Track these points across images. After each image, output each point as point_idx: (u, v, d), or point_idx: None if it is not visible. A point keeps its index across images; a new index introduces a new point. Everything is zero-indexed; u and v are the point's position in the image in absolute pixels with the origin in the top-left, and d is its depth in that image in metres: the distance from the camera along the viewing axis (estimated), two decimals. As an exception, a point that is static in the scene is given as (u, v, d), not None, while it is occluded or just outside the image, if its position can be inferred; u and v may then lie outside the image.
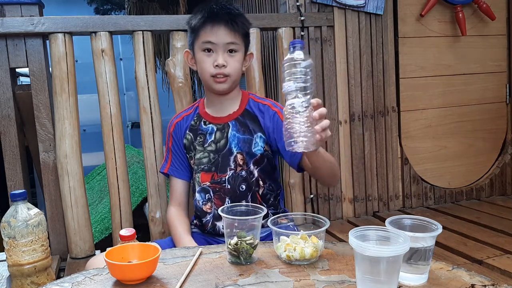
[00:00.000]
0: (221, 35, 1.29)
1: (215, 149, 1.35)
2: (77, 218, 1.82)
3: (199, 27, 1.31)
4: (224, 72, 1.30)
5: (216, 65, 1.29)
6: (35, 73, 1.79)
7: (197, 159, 1.37)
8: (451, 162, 2.43)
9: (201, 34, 1.31)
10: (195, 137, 1.39)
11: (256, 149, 1.34)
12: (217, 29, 1.29)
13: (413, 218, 0.90)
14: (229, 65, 1.30)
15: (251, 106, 1.40)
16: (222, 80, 1.31)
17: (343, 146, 2.18)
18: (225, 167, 1.33)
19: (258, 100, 1.42)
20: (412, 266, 0.84)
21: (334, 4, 2.10)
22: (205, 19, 1.30)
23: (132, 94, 4.81)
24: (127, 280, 0.86)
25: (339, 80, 2.15)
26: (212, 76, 1.31)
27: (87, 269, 1.15)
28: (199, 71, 1.35)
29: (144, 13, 3.72)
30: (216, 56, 1.30)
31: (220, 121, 1.38)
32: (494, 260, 1.62)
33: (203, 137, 1.38)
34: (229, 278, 0.87)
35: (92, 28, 1.81)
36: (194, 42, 1.34)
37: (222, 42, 1.29)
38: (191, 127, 1.41)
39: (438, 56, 2.35)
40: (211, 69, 1.30)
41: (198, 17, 1.32)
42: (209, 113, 1.40)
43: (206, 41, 1.30)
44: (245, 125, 1.36)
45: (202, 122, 1.40)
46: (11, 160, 1.79)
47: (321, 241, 0.96)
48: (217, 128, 1.37)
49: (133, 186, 2.66)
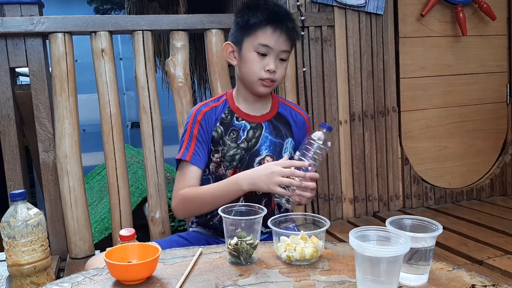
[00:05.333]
0: (280, 42, 1.27)
1: (246, 147, 1.33)
2: (76, 218, 1.81)
3: (258, 27, 1.27)
4: (273, 77, 1.29)
5: (268, 69, 1.27)
6: (34, 72, 1.78)
7: (230, 155, 1.32)
8: (451, 162, 2.42)
9: (259, 34, 1.27)
10: (226, 132, 1.34)
11: (285, 154, 1.34)
12: (278, 35, 1.26)
13: (413, 218, 0.89)
14: (278, 72, 1.29)
15: (283, 110, 1.40)
16: (269, 85, 1.30)
17: (343, 146, 2.18)
18: (248, 167, 1.31)
19: (288, 105, 1.43)
20: (413, 267, 0.83)
21: (334, 4, 2.10)
22: (267, 21, 1.26)
23: (132, 94, 4.81)
24: (127, 280, 0.86)
25: (340, 80, 2.15)
26: (260, 79, 1.29)
27: (86, 269, 1.15)
28: (245, 70, 1.31)
29: (144, 12, 3.72)
30: (268, 61, 1.27)
31: (254, 120, 1.35)
32: (495, 261, 1.62)
33: (236, 133, 1.34)
34: (229, 278, 0.87)
35: (92, 28, 1.80)
36: (246, 39, 1.29)
37: (279, 49, 1.27)
38: (222, 120, 1.35)
39: (439, 56, 2.35)
40: (261, 72, 1.28)
41: (257, 14, 1.27)
42: (242, 110, 1.36)
43: (264, 44, 1.26)
44: (278, 128, 1.36)
45: (234, 118, 1.35)
46: (10, 160, 1.79)
47: (321, 241, 0.95)
48: (250, 126, 1.34)
49: (132, 186, 2.66)
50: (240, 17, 1.32)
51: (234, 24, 1.36)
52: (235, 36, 1.34)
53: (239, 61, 1.34)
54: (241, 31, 1.31)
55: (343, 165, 2.19)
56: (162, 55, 3.78)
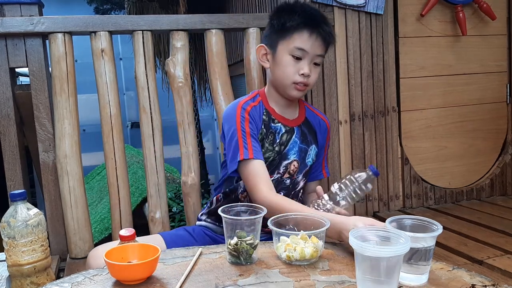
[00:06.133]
0: (316, 46, 1.27)
1: (278, 150, 1.33)
2: (76, 218, 1.81)
3: (294, 30, 1.26)
4: (307, 81, 1.28)
5: (302, 73, 1.26)
6: (34, 73, 1.78)
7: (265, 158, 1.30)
8: (451, 162, 2.42)
9: (295, 38, 1.26)
10: (267, 134, 1.32)
11: (308, 160, 1.36)
12: (314, 39, 1.26)
13: (413, 218, 0.90)
14: (312, 76, 1.29)
15: (310, 116, 1.40)
16: (302, 89, 1.29)
17: (343, 146, 2.18)
18: (275, 169, 1.32)
19: (313, 111, 1.44)
20: (413, 266, 0.83)
21: (334, 4, 2.09)
22: (304, 24, 1.25)
23: (132, 94, 4.81)
24: (127, 280, 0.86)
25: (339, 80, 2.15)
26: (294, 83, 1.28)
27: (88, 261, 1.16)
28: (279, 73, 1.30)
29: (144, 12, 3.71)
30: (303, 65, 1.27)
31: (288, 124, 1.35)
32: (495, 261, 1.61)
33: (273, 136, 1.33)
34: (229, 278, 0.87)
35: (92, 28, 1.80)
36: (280, 42, 1.28)
37: (314, 53, 1.27)
38: (264, 122, 1.33)
39: (439, 56, 2.35)
40: (296, 76, 1.27)
41: (294, 17, 1.26)
42: (278, 112, 1.36)
43: (300, 47, 1.26)
44: (305, 134, 1.37)
45: (271, 120, 1.34)
46: (10, 160, 1.79)
47: (321, 241, 0.95)
48: (285, 129, 1.34)
49: (132, 186, 2.66)
50: (276, 19, 1.30)
51: (268, 26, 1.34)
52: (269, 38, 1.33)
53: (272, 64, 1.32)
54: (276, 34, 1.29)
55: (343, 165, 2.19)
56: (162, 55, 3.78)
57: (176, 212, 2.55)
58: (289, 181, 1.33)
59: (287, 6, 1.31)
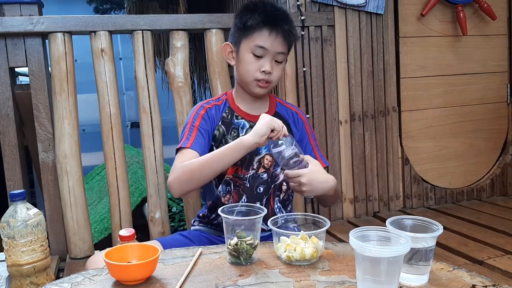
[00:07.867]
0: (276, 44, 1.29)
1: None
2: (76, 218, 1.81)
3: (255, 29, 1.28)
4: (269, 79, 1.31)
5: (263, 71, 1.29)
6: (34, 72, 1.78)
7: None
8: (452, 162, 2.42)
9: (255, 36, 1.28)
10: (228, 130, 1.36)
11: None
12: (274, 36, 1.28)
13: (413, 219, 0.89)
14: (274, 73, 1.31)
15: (281, 110, 1.41)
16: (265, 86, 1.32)
17: (344, 146, 2.17)
18: (248, 165, 1.33)
19: (286, 105, 1.45)
20: (413, 267, 0.83)
21: (334, 4, 2.09)
22: (264, 23, 1.27)
23: (132, 93, 4.81)
24: (127, 280, 0.86)
25: (340, 80, 2.14)
26: (256, 80, 1.31)
27: (87, 268, 1.15)
28: (241, 71, 1.34)
29: (144, 12, 3.72)
30: (264, 62, 1.29)
31: (253, 119, 1.35)
32: (495, 261, 1.61)
33: (236, 131, 1.36)
34: (229, 278, 0.87)
35: (92, 28, 1.80)
36: (243, 40, 1.31)
37: (274, 51, 1.29)
38: (223, 120, 1.37)
39: (439, 56, 2.35)
40: (257, 73, 1.30)
41: (254, 16, 1.28)
42: (242, 109, 1.39)
43: (259, 45, 1.28)
44: None
45: (234, 116, 1.38)
46: (10, 160, 1.79)
47: (322, 241, 0.95)
48: (249, 125, 1.36)
49: (132, 186, 2.66)
50: (238, 18, 1.34)
51: (233, 25, 1.38)
52: (233, 37, 1.36)
53: (236, 62, 1.36)
54: (239, 32, 1.33)
55: (343, 165, 2.18)
56: (162, 55, 3.78)
57: (175, 212, 2.55)
58: (266, 175, 1.34)
59: (250, 5, 1.34)
